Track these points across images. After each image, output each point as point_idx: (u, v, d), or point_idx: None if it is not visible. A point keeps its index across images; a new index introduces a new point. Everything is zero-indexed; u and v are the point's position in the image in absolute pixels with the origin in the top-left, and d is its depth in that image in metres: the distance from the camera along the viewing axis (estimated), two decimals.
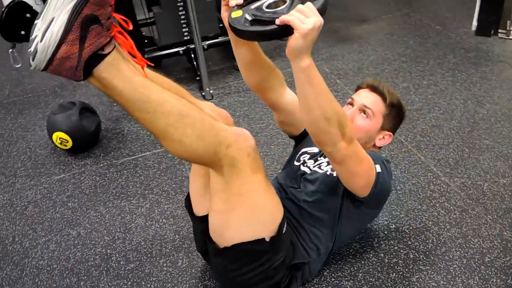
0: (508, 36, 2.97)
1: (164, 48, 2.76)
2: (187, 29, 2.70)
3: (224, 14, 1.20)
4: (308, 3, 1.05)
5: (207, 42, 2.78)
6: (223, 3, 1.21)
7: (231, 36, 1.25)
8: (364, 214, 1.50)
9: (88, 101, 2.51)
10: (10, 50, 2.28)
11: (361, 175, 1.30)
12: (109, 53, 0.96)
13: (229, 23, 1.13)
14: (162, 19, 2.64)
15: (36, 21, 0.91)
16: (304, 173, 1.51)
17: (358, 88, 1.54)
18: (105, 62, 0.96)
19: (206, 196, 1.35)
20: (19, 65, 2.43)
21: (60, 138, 2.16)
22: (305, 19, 1.01)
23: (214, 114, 1.26)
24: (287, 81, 1.49)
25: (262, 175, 1.24)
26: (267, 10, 1.11)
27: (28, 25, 2.22)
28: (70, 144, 2.18)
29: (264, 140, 2.24)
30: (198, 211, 1.42)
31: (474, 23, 3.09)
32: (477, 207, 1.74)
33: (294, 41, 1.02)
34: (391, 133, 1.51)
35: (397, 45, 3.07)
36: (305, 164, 1.55)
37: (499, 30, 3.01)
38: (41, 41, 0.89)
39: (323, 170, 1.47)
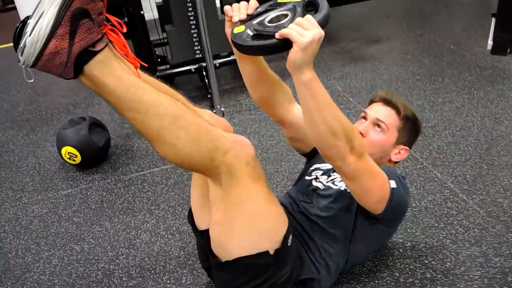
0: None
1: (177, 66, 2.77)
2: (199, 47, 2.71)
3: (227, 30, 1.20)
4: (308, 16, 1.03)
5: (219, 61, 2.78)
6: (226, 19, 1.20)
7: (235, 52, 1.22)
8: (379, 233, 1.42)
9: (100, 118, 2.50)
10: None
11: (374, 190, 1.23)
12: (100, 50, 0.93)
13: (231, 39, 1.12)
14: (175, 37, 2.65)
15: (28, 20, 0.89)
16: (317, 188, 1.45)
17: (371, 102, 1.49)
18: (96, 60, 0.93)
19: (205, 209, 1.29)
20: (32, 80, 2.45)
21: (69, 152, 2.15)
22: (304, 32, 0.99)
23: (212, 121, 1.20)
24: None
25: (263, 184, 1.17)
26: (269, 24, 1.10)
27: None
28: (79, 159, 2.16)
29: (274, 157, 2.19)
30: (200, 224, 1.36)
31: (490, 42, 3.04)
32: (497, 225, 1.65)
33: (293, 54, 1.00)
34: (407, 148, 1.46)
35: (410, 64, 3.03)
36: (317, 180, 1.49)
37: None
38: (30, 35, 0.87)
39: (337, 186, 1.41)
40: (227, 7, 1.18)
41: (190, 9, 2.59)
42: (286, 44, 1.01)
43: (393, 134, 1.41)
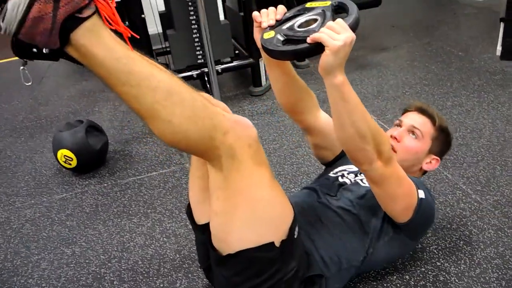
0: None
1: (178, 72, 2.72)
2: (201, 52, 2.66)
3: (256, 36, 1.20)
4: (339, 20, 1.03)
5: (222, 66, 2.73)
6: (255, 24, 1.20)
7: (264, 58, 1.23)
8: (401, 243, 1.34)
9: (100, 125, 2.44)
10: (22, 68, 2.25)
11: (400, 197, 1.20)
12: (88, 17, 0.87)
13: (262, 44, 1.12)
14: (176, 41, 2.61)
15: None
16: (344, 183, 1.41)
17: (406, 111, 1.50)
18: (84, 27, 0.86)
19: (205, 202, 1.20)
20: (30, 83, 2.41)
21: (64, 155, 2.08)
22: (336, 36, 0.98)
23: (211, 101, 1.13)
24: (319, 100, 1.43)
25: (267, 170, 1.08)
26: (299, 29, 1.10)
27: None
28: (74, 162, 2.09)
29: (277, 161, 2.11)
30: (199, 218, 1.27)
31: (499, 48, 2.97)
32: None
33: (325, 58, 0.99)
34: (438, 158, 1.44)
35: (418, 70, 2.95)
36: (344, 177, 1.45)
37: None
38: None
39: (365, 184, 1.36)
40: (255, 13, 1.19)
41: (192, 13, 2.55)
42: (317, 48, 1.01)
43: (427, 142, 1.41)
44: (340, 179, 1.44)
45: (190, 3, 2.54)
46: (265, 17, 1.18)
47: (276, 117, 2.53)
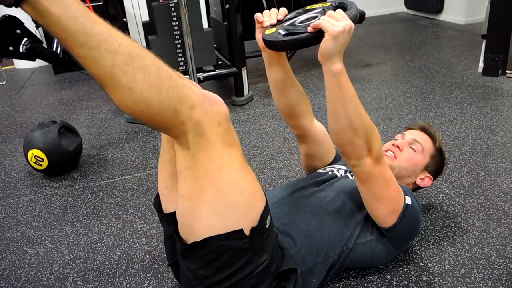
0: None
1: None
2: (183, 58, 2.62)
3: (258, 36, 1.22)
4: (339, 10, 1.07)
5: (204, 74, 2.69)
6: (257, 26, 1.23)
7: (265, 57, 1.27)
8: (385, 247, 1.29)
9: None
10: None
11: (386, 200, 1.19)
12: None
13: (263, 38, 1.16)
14: (158, 47, 2.56)
15: None
16: (334, 176, 1.41)
17: (408, 128, 1.55)
18: None
19: (174, 188, 1.12)
20: (4, 82, 2.34)
21: (35, 156, 1.99)
22: (335, 22, 1.02)
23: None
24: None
25: (238, 152, 1.01)
26: (300, 24, 1.15)
27: (18, 42, 2.16)
28: (45, 163, 2.00)
29: (257, 165, 2.05)
30: (168, 206, 1.19)
31: (481, 64, 2.99)
32: (499, 227, 1.49)
33: (325, 43, 1.03)
34: (431, 177, 1.47)
35: (401, 84, 2.95)
36: (333, 171, 1.43)
37: (507, 71, 2.89)
38: None
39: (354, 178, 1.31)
40: (257, 14, 1.22)
41: (175, 18, 2.52)
42: (318, 37, 1.04)
43: (426, 158, 1.44)
44: (330, 173, 1.42)
45: (173, 9, 2.52)
46: (267, 17, 1.21)
47: (257, 125, 2.48)
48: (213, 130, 0.96)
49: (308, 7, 1.23)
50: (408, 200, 1.23)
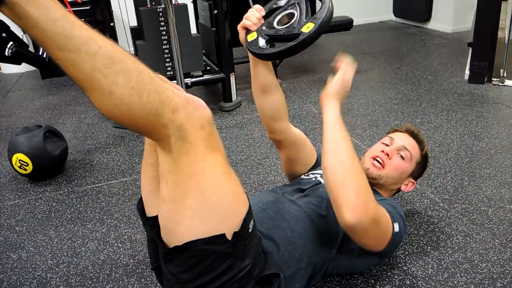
0: (502, 82, 2.88)
1: None
2: (170, 64, 2.62)
3: (241, 36, 1.27)
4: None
5: (192, 80, 2.69)
6: (239, 29, 1.29)
7: (250, 56, 1.29)
8: (368, 258, 1.30)
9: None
10: None
11: (376, 238, 1.17)
12: None
13: (247, 47, 1.19)
14: (145, 52, 2.56)
15: None
16: (319, 182, 1.39)
17: (395, 130, 1.53)
18: None
19: (157, 193, 1.12)
20: None
21: (20, 160, 1.97)
22: (348, 73, 1.23)
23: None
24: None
25: (221, 157, 1.01)
26: (279, 27, 1.17)
27: (3, 45, 2.15)
28: (30, 168, 1.98)
29: (243, 170, 2.04)
30: (150, 210, 1.19)
31: (467, 72, 3.03)
32: (482, 231, 1.50)
33: (332, 84, 1.20)
34: (414, 182, 1.48)
35: (388, 91, 2.98)
36: (316, 178, 1.42)
37: (493, 78, 2.93)
38: None
39: None
40: (245, 21, 1.27)
41: (162, 23, 2.52)
42: (302, 45, 1.09)
43: (412, 165, 1.44)
44: (314, 179, 1.42)
45: (160, 14, 2.52)
46: (253, 19, 1.26)
47: (244, 131, 2.48)
48: (195, 134, 0.95)
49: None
50: (396, 228, 1.21)
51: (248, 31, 1.24)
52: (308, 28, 1.11)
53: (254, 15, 1.27)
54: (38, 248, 1.59)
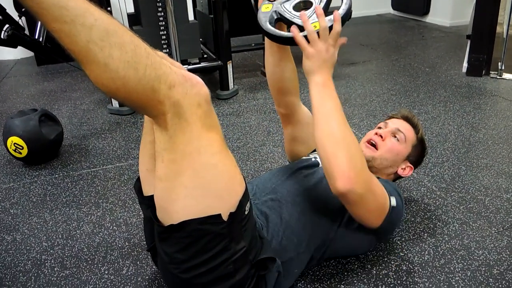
0: (500, 76, 2.88)
1: None
2: (167, 50, 2.60)
3: (260, 2, 1.25)
4: (327, 21, 1.07)
5: (189, 67, 2.67)
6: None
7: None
8: (365, 237, 1.29)
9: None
10: None
11: (373, 210, 1.18)
12: None
13: (258, 16, 1.19)
14: (141, 37, 2.53)
15: None
16: (317, 164, 1.38)
17: (391, 117, 1.54)
18: None
19: (154, 172, 1.11)
20: None
21: (15, 143, 1.95)
22: (315, 43, 1.08)
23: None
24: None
25: (218, 135, 1.00)
26: (292, 10, 1.16)
27: None
28: (25, 151, 1.96)
29: (240, 157, 2.04)
30: (148, 189, 1.17)
31: (465, 64, 3.03)
32: (479, 220, 1.50)
33: (303, 61, 1.11)
34: (412, 166, 1.46)
35: (385, 82, 2.97)
36: (316, 158, 1.41)
37: (491, 71, 2.93)
38: None
39: None
40: None
41: (160, 9, 2.50)
42: (294, 40, 1.10)
43: (408, 147, 1.43)
44: (313, 159, 1.41)
45: (158, 0, 2.49)
46: None
47: (241, 119, 2.47)
48: (192, 112, 0.94)
49: None
50: (393, 202, 1.22)
51: (263, 1, 1.23)
52: (315, 28, 1.08)
53: None
54: (32, 230, 1.57)
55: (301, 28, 1.11)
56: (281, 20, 1.18)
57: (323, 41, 1.08)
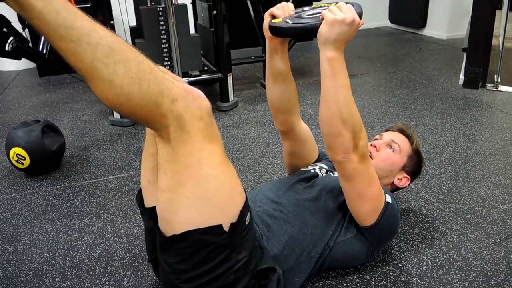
0: (496, 88, 2.92)
1: None
2: (169, 63, 2.63)
3: (266, 23, 1.24)
4: (349, 5, 1.10)
5: (189, 79, 2.70)
6: (266, 16, 1.26)
7: (269, 47, 1.29)
8: (363, 245, 1.31)
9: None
10: None
11: (368, 198, 1.21)
12: None
13: (269, 25, 1.20)
14: (143, 50, 2.55)
15: None
16: (316, 175, 1.42)
17: (387, 130, 1.58)
18: None
19: (157, 184, 1.13)
20: None
21: (17, 154, 1.97)
22: (337, 11, 1.07)
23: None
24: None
25: (219, 147, 1.02)
26: (306, 16, 1.18)
27: (4, 40, 2.15)
28: (27, 162, 1.98)
29: (240, 168, 2.06)
30: (149, 201, 1.19)
31: (461, 76, 3.07)
32: (476, 231, 1.52)
33: (321, 28, 1.08)
34: (409, 177, 1.49)
35: (383, 94, 3.01)
36: (315, 170, 1.46)
37: (487, 84, 2.97)
38: None
39: (336, 175, 1.36)
40: (272, 8, 1.25)
41: (162, 22, 2.54)
42: (315, 29, 1.09)
43: (403, 158, 1.46)
44: (312, 171, 1.44)
45: (160, 14, 2.54)
46: (281, 10, 1.24)
47: (241, 130, 2.50)
48: (194, 124, 0.97)
49: (315, 5, 1.28)
50: (389, 199, 1.26)
51: (273, 17, 1.25)
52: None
53: (284, 7, 1.26)
54: (34, 241, 1.59)
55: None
56: (297, 23, 1.20)
57: (344, 11, 1.07)
